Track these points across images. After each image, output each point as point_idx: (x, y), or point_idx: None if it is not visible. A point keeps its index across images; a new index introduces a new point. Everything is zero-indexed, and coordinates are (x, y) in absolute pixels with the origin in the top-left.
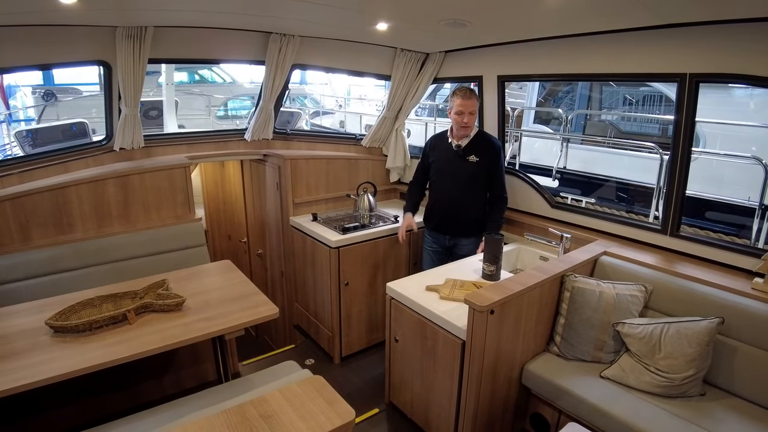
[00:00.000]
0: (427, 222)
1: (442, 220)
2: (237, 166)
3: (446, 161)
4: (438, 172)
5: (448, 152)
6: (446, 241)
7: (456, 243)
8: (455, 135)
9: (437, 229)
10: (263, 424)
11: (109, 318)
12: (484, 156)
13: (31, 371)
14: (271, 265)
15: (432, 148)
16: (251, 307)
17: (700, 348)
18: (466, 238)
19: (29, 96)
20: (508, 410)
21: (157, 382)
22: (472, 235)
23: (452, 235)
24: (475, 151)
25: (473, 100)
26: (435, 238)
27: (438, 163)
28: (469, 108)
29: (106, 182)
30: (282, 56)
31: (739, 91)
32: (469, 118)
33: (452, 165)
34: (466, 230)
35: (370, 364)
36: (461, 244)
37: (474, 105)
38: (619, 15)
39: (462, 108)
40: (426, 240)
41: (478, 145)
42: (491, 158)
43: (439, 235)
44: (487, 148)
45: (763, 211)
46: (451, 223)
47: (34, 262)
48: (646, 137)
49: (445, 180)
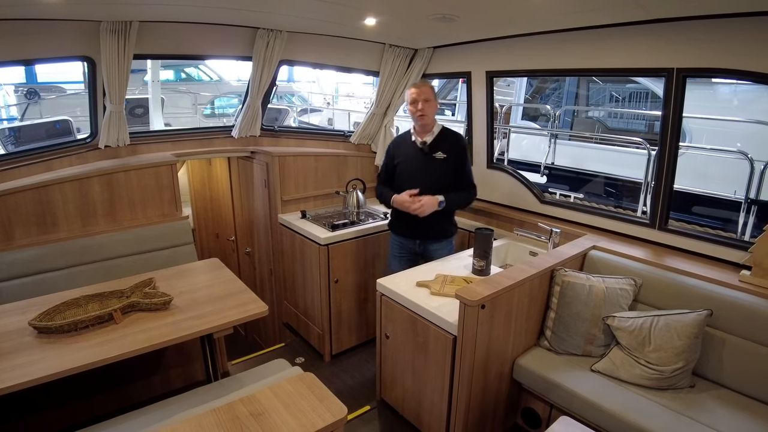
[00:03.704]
0: (393, 228)
1: (411, 224)
2: (224, 164)
3: (413, 160)
4: (405, 172)
5: (414, 151)
6: (416, 247)
7: (426, 248)
8: (417, 131)
9: (406, 234)
10: (254, 423)
11: (95, 318)
12: (451, 152)
13: (15, 373)
14: (259, 264)
15: (396, 149)
16: (240, 305)
17: (689, 340)
18: (437, 242)
19: (11, 95)
20: (499, 405)
21: (145, 382)
22: (444, 238)
23: (422, 239)
24: (441, 147)
25: (426, 87)
26: (403, 244)
27: (404, 164)
28: (422, 95)
29: (90, 180)
30: (269, 52)
31: (723, 87)
32: (423, 105)
33: (419, 164)
34: (437, 233)
35: (361, 361)
36: (431, 249)
37: (428, 93)
38: (608, 9)
39: (415, 95)
40: (392, 247)
41: (444, 141)
42: (458, 153)
43: (407, 240)
44: (453, 143)
45: (749, 205)
46: (421, 227)
47: (16, 262)
48: (632, 133)
49: (413, 180)
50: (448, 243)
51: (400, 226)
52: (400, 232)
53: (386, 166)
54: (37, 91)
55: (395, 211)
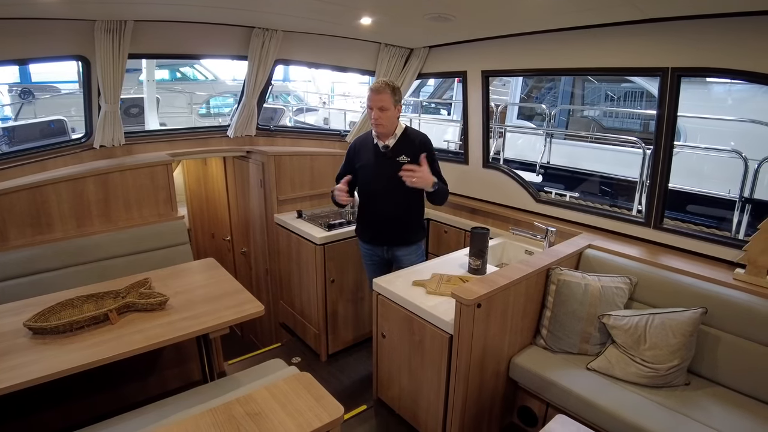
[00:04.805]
0: (361, 235)
1: (377, 230)
2: (220, 164)
3: (375, 165)
4: (367, 177)
5: (376, 155)
6: (384, 253)
7: (394, 255)
8: (379, 135)
9: (372, 241)
10: (250, 423)
11: (91, 318)
12: (415, 155)
13: (10, 374)
14: (255, 264)
15: (357, 152)
16: (236, 305)
17: (684, 338)
18: (405, 247)
19: (5, 94)
20: (496, 404)
21: (141, 383)
22: (412, 243)
23: (389, 245)
24: (404, 150)
25: (384, 94)
26: (372, 250)
27: (366, 169)
28: (378, 103)
29: (85, 180)
30: (265, 51)
31: (717, 87)
32: (377, 115)
33: (382, 168)
34: (404, 238)
35: (357, 360)
36: (400, 255)
37: (385, 100)
38: (603, 9)
39: (371, 102)
40: (363, 254)
41: (407, 143)
42: (424, 153)
43: (375, 247)
44: (416, 144)
45: (744, 204)
46: (387, 233)
47: (11, 263)
48: (627, 132)
49: (375, 185)
50: (417, 248)
51: (366, 233)
52: (366, 238)
53: (344, 169)
54: (31, 90)
55: (360, 217)
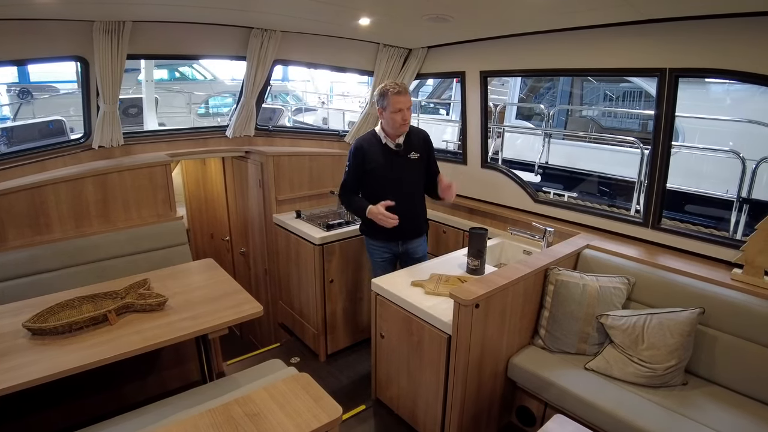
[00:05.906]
0: (375, 234)
1: (397, 227)
2: (218, 164)
3: (389, 164)
4: (381, 179)
5: (387, 155)
6: (398, 247)
7: (407, 247)
8: (391, 135)
9: (388, 238)
10: (249, 423)
11: (89, 319)
12: (423, 149)
13: (9, 375)
14: (254, 264)
15: (365, 154)
16: (235, 306)
17: (681, 338)
18: (418, 238)
19: (4, 94)
20: (494, 404)
21: (140, 383)
22: (423, 233)
23: (404, 239)
24: (413, 146)
25: (408, 94)
26: (386, 246)
27: (379, 169)
28: (407, 104)
29: (84, 181)
30: (263, 51)
31: (715, 87)
32: (407, 114)
33: (397, 167)
34: (418, 231)
35: (356, 360)
36: (414, 246)
37: (410, 100)
38: (601, 10)
39: (401, 105)
40: (374, 253)
41: (413, 140)
42: (428, 149)
43: (389, 244)
44: (421, 138)
45: (741, 204)
46: (405, 227)
47: (10, 264)
48: (626, 132)
49: (392, 186)
50: (425, 237)
51: (382, 231)
52: (381, 237)
53: (354, 174)
54: (30, 90)
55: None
